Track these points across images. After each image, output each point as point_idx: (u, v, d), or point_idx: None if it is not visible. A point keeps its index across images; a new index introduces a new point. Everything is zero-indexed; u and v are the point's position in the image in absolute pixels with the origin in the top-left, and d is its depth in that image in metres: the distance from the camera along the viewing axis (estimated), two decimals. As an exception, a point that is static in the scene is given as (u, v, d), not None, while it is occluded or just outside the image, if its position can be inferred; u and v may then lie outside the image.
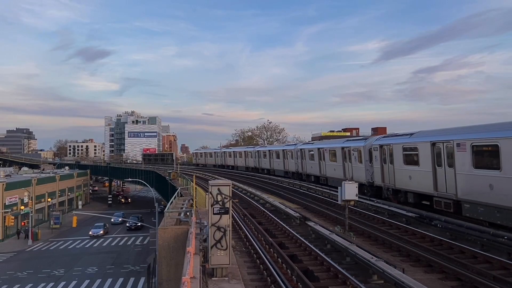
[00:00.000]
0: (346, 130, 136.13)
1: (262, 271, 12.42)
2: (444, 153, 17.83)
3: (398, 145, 21.79)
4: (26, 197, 66.81)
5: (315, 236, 16.92)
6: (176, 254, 14.81)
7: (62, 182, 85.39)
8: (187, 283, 6.97)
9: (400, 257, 13.58)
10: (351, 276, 10.84)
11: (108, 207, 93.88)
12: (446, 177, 17.62)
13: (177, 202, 26.84)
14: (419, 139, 20.04)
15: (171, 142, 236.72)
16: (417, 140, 20.25)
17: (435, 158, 18.46)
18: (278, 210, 24.10)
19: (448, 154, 17.55)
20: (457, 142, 16.75)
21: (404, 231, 17.16)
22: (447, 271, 11.53)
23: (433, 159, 18.55)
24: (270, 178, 45.40)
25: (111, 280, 37.79)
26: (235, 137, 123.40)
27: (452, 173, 17.11)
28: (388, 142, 23.26)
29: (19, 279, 38.81)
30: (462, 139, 16.55)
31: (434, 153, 18.55)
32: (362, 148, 26.33)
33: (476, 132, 16.30)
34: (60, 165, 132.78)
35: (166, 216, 19.18)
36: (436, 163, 18.44)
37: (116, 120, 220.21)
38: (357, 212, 21.88)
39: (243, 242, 16.79)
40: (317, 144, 38.65)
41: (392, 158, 22.25)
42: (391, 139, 23.17)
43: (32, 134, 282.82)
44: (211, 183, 11.28)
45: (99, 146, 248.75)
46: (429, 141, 18.89)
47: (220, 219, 10.92)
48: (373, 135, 45.69)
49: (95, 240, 57.63)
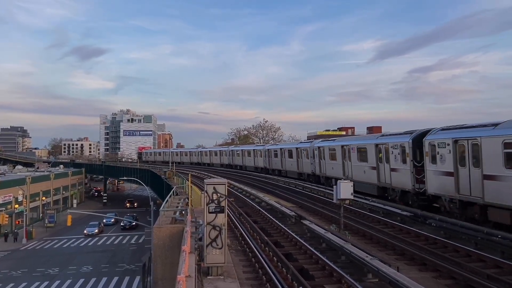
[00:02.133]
0: (342, 129, 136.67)
1: (258, 270, 12.43)
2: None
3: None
4: (20, 195, 66.42)
5: (310, 235, 16.95)
6: (172, 253, 14.76)
7: (56, 180, 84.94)
8: (182, 282, 6.96)
9: (394, 255, 13.64)
10: (346, 275, 10.88)
11: (104, 206, 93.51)
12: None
13: (172, 201, 26.77)
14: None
15: (167, 141, 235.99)
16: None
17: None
18: (273, 209, 24.12)
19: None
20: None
21: (399, 230, 17.24)
22: (441, 269, 11.60)
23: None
24: (266, 177, 45.36)
25: (106, 279, 37.65)
26: (231, 136, 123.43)
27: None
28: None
29: (13, 278, 38.58)
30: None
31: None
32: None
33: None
34: (55, 163, 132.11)
35: (162, 215, 19.12)
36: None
37: (111, 119, 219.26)
38: (352, 211, 21.95)
39: (239, 241, 16.80)
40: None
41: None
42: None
43: (27, 132, 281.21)
44: (206, 182, 11.28)
45: (94, 144, 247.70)
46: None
47: (215, 218, 10.93)
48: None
49: (90, 239, 57.37)
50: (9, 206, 62.99)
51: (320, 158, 33.43)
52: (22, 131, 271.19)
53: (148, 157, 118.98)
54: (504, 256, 12.48)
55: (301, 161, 38.74)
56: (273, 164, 47.88)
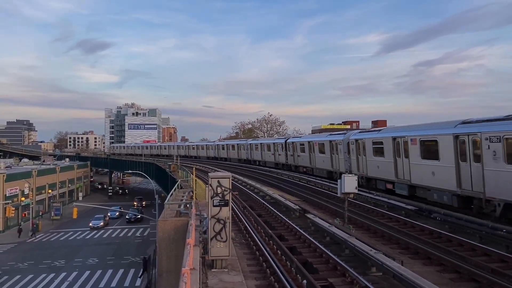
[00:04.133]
0: (347, 123, 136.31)
1: (262, 263, 12.47)
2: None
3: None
4: (26, 188, 66.95)
5: (314, 228, 16.97)
6: (176, 246, 14.84)
7: (62, 173, 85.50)
8: (187, 274, 7.00)
9: (399, 249, 13.63)
10: (350, 268, 10.89)
11: (109, 199, 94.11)
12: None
13: (177, 194, 26.88)
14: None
15: (171, 134, 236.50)
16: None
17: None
18: (277, 203, 24.14)
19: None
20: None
21: (403, 223, 17.21)
22: (446, 263, 11.58)
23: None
24: (271, 170, 45.24)
25: (112, 271, 38.01)
26: (235, 129, 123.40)
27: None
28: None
29: (20, 270, 39.04)
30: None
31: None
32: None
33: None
34: (60, 156, 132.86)
35: (166, 208, 19.21)
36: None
37: (116, 112, 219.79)
38: (357, 205, 21.90)
39: (243, 234, 16.84)
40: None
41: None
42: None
43: (32, 125, 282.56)
44: (211, 176, 11.29)
45: (99, 138, 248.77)
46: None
47: (220, 211, 10.96)
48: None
49: (95, 231, 57.84)
50: (15, 199, 63.53)
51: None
52: (28, 125, 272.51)
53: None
54: (509, 251, 12.44)
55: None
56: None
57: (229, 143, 73.31)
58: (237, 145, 66.06)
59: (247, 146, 60.65)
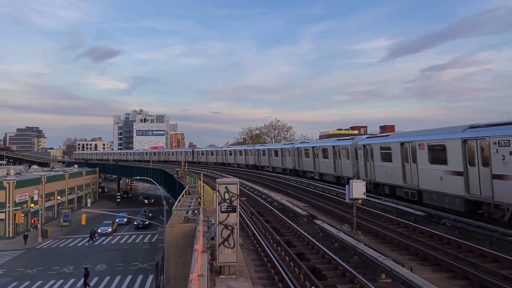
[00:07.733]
0: (354, 128, 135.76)
1: (270, 269, 12.43)
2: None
3: None
4: (35, 195, 67.47)
5: (322, 234, 16.89)
6: (184, 252, 14.87)
7: (71, 180, 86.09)
8: (195, 280, 7.00)
9: (408, 256, 13.51)
10: (359, 275, 10.82)
11: (117, 205, 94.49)
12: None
13: (185, 200, 26.94)
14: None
15: (179, 140, 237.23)
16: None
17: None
18: (285, 208, 24.08)
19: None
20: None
21: (412, 229, 17.06)
22: (456, 270, 11.45)
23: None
24: (278, 176, 45.16)
25: (120, 277, 38.07)
26: (243, 135, 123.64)
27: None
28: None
29: (29, 276, 39.26)
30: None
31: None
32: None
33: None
34: (69, 163, 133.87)
35: (174, 214, 19.27)
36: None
37: (124, 119, 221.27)
38: (365, 211, 21.77)
39: (251, 240, 16.81)
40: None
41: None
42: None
43: (42, 132, 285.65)
44: (218, 181, 11.30)
45: (107, 144, 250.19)
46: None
47: (227, 217, 10.95)
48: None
49: (103, 238, 58.05)
50: (25, 205, 64.05)
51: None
52: (37, 131, 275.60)
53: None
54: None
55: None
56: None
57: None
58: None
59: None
